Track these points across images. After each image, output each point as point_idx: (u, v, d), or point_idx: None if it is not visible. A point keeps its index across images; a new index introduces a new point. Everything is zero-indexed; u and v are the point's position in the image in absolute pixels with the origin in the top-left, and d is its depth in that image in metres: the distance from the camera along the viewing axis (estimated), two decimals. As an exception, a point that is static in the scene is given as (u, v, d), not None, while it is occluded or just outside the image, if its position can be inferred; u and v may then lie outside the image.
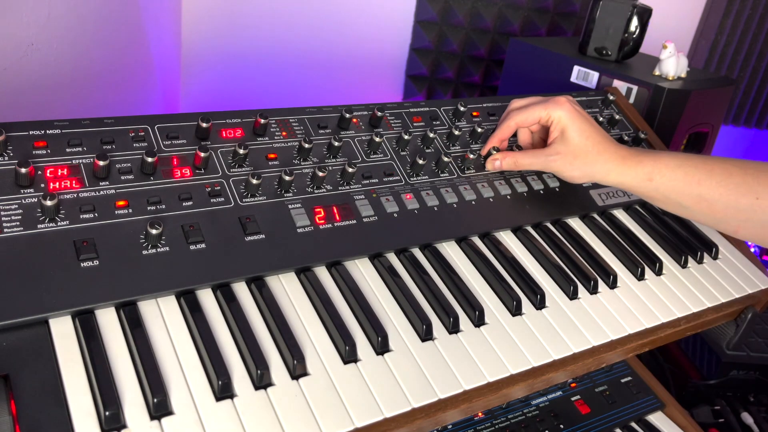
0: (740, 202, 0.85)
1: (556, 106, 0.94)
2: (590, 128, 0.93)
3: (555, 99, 0.95)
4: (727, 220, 0.88)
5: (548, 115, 0.94)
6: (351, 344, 0.71)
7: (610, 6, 1.45)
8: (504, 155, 0.98)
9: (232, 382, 0.65)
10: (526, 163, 0.97)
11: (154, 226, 0.70)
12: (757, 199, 0.84)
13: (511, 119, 0.97)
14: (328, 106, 0.95)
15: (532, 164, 0.97)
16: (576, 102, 0.96)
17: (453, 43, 1.87)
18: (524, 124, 0.97)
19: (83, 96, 1.21)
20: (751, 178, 0.85)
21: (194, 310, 0.70)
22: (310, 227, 0.81)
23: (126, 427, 0.59)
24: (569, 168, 0.94)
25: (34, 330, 0.63)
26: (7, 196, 0.69)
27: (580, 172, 0.93)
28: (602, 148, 0.92)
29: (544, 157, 0.95)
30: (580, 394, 1.19)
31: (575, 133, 0.92)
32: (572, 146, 0.93)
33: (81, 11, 1.14)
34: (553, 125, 0.95)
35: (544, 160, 0.95)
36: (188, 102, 1.76)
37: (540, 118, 0.96)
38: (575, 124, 0.93)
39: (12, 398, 0.57)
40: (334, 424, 0.65)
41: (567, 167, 0.94)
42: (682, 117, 1.34)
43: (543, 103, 0.95)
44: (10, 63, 0.99)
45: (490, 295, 0.85)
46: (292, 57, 1.80)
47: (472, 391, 0.73)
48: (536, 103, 0.96)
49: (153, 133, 0.81)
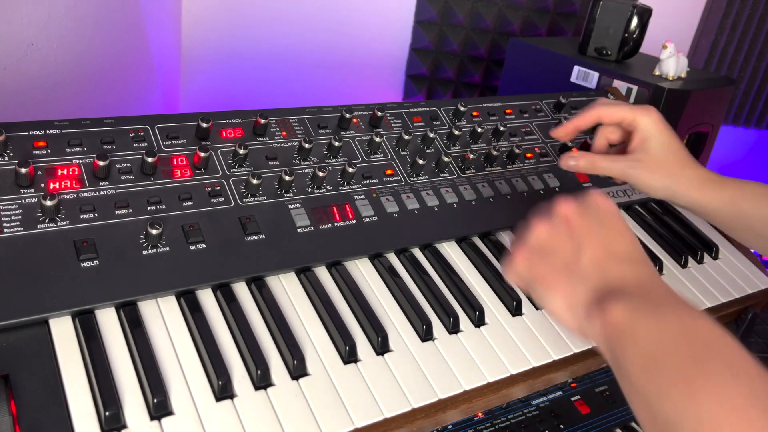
0: None
1: (645, 112, 0.90)
2: (676, 143, 0.90)
3: (645, 106, 0.91)
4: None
5: (634, 118, 0.90)
6: (351, 344, 0.71)
7: (610, 6, 1.45)
8: (582, 155, 0.92)
9: (232, 382, 0.65)
10: (604, 166, 0.92)
11: (154, 226, 0.70)
12: None
13: (595, 109, 0.92)
14: (328, 106, 0.95)
15: (610, 169, 0.91)
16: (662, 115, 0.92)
17: (453, 43, 1.87)
18: (606, 117, 0.92)
19: (83, 96, 1.21)
20: None
21: (194, 310, 0.70)
22: (310, 227, 0.81)
23: (126, 427, 0.59)
24: (649, 178, 0.89)
25: (34, 330, 0.63)
26: (7, 196, 0.69)
27: (661, 184, 0.89)
28: (686, 164, 0.88)
29: (624, 162, 0.90)
30: (580, 394, 1.18)
31: (659, 144, 0.89)
32: (655, 156, 0.89)
33: (81, 11, 1.14)
34: (638, 131, 0.90)
35: (624, 165, 0.90)
36: (188, 102, 1.76)
37: (624, 119, 0.91)
38: (662, 134, 0.89)
39: (12, 398, 0.57)
40: (334, 424, 0.65)
41: (647, 177, 0.89)
42: (682, 117, 1.34)
43: (631, 106, 0.91)
44: (10, 63, 0.99)
45: (490, 295, 0.85)
46: (292, 57, 1.80)
47: (472, 391, 0.73)
48: (625, 105, 0.92)
49: (153, 133, 0.81)
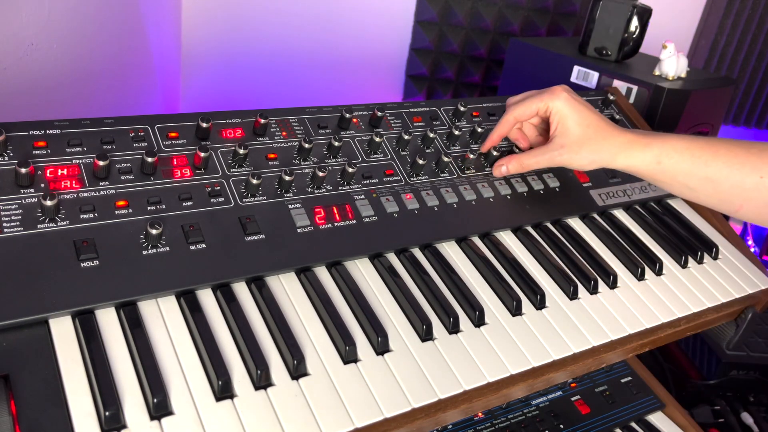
0: (745, 181, 0.85)
1: (553, 96, 0.92)
2: (591, 115, 0.92)
3: (551, 89, 0.93)
4: (731, 200, 0.88)
5: (546, 105, 0.92)
6: (351, 344, 0.71)
7: (610, 6, 1.45)
8: (509, 159, 0.96)
9: (232, 382, 0.65)
10: (532, 162, 0.95)
11: (154, 226, 0.70)
12: (761, 178, 0.84)
13: (509, 113, 0.95)
14: (328, 106, 0.95)
15: (538, 162, 0.94)
16: (572, 91, 0.95)
17: (453, 43, 1.87)
18: (523, 117, 0.95)
19: (83, 96, 1.21)
20: (756, 157, 0.85)
21: (194, 310, 0.70)
22: (310, 227, 0.81)
23: (126, 427, 0.59)
24: (576, 158, 0.92)
25: (34, 330, 0.63)
26: (7, 196, 0.69)
27: (588, 160, 0.92)
28: (606, 133, 0.91)
29: (549, 153, 0.93)
30: (580, 394, 1.18)
31: (575, 121, 0.91)
32: (575, 136, 0.91)
33: (81, 11, 1.14)
34: (552, 116, 0.93)
35: (549, 156, 0.93)
36: (188, 102, 1.76)
37: (538, 110, 0.93)
38: (575, 112, 0.91)
39: (12, 398, 0.57)
40: (334, 424, 0.65)
41: (574, 158, 0.92)
42: (682, 117, 1.34)
43: (539, 95, 0.93)
44: (10, 63, 0.99)
45: (490, 295, 0.85)
46: (292, 57, 1.80)
47: (472, 391, 0.73)
48: (532, 96, 0.94)
49: (153, 133, 0.81)
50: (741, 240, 1.12)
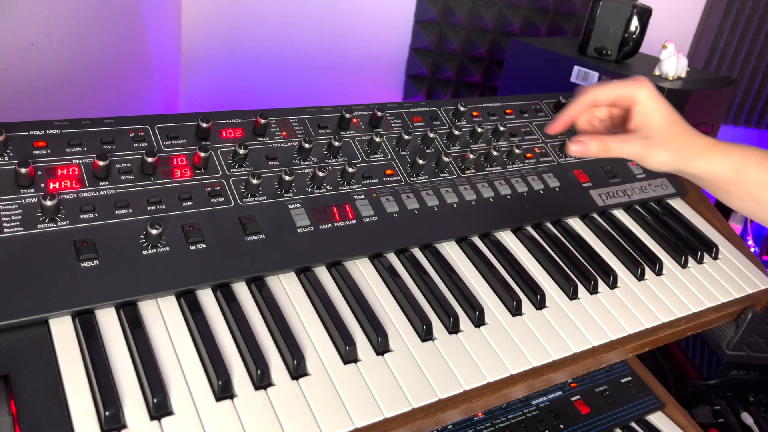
0: None
1: (641, 84, 0.83)
2: (675, 112, 0.85)
3: (637, 77, 0.85)
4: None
5: (631, 93, 0.83)
6: (351, 344, 0.71)
7: (610, 6, 1.45)
8: (591, 138, 0.83)
9: (232, 382, 0.65)
10: (615, 147, 0.83)
11: (154, 226, 0.70)
12: None
13: (587, 94, 0.85)
14: (328, 106, 0.95)
15: (621, 149, 0.83)
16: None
17: (453, 43, 1.87)
18: (600, 99, 0.85)
19: (83, 96, 1.21)
20: None
21: (194, 310, 0.70)
22: (310, 227, 0.81)
23: (126, 427, 0.59)
24: (661, 153, 0.82)
25: (34, 330, 0.63)
26: (7, 196, 0.69)
27: (672, 158, 0.83)
28: (689, 133, 0.84)
29: (634, 141, 0.83)
30: (580, 394, 1.19)
31: (661, 116, 0.83)
32: (661, 129, 0.83)
33: (81, 11, 1.14)
34: (637, 106, 0.83)
35: (634, 145, 0.83)
36: (188, 102, 1.76)
37: (621, 96, 0.84)
38: (661, 105, 0.83)
39: (12, 398, 0.57)
40: (334, 424, 0.65)
41: (657, 153, 0.82)
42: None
43: (622, 82, 0.85)
44: (10, 63, 0.99)
45: (490, 295, 0.85)
46: (292, 57, 1.80)
47: (472, 391, 0.73)
48: (614, 82, 0.86)
49: (153, 133, 0.81)
50: (741, 240, 1.12)
